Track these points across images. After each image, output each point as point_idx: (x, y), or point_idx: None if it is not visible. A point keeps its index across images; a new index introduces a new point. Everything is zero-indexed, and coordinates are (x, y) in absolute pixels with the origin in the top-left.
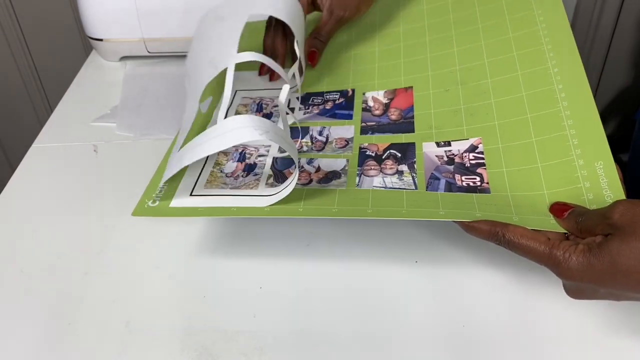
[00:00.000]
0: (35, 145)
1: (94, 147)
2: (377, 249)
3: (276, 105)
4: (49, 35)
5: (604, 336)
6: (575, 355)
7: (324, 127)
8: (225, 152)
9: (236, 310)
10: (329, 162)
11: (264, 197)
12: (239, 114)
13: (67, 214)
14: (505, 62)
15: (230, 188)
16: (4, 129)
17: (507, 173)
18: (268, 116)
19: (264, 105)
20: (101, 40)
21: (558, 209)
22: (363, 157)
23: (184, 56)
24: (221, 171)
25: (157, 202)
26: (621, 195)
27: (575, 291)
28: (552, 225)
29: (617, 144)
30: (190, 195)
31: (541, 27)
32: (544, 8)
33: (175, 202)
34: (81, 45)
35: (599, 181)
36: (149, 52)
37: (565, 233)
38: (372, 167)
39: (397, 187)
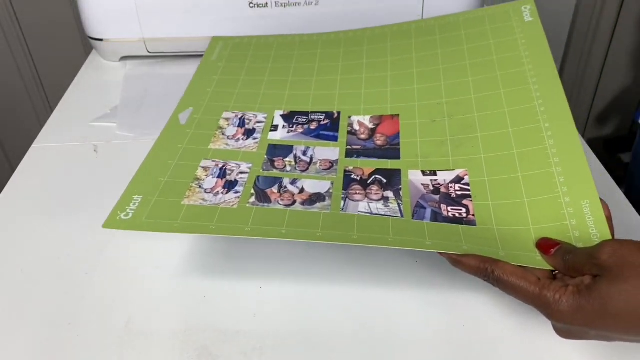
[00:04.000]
0: (35, 145)
1: (94, 147)
2: (378, 249)
3: (260, 122)
4: (49, 35)
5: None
6: (577, 355)
7: (308, 147)
8: (204, 167)
9: (236, 310)
10: (313, 184)
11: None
12: (221, 128)
13: (68, 214)
14: (492, 99)
15: (209, 205)
16: (4, 129)
17: (493, 206)
18: (251, 132)
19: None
20: (101, 40)
21: (545, 245)
22: (348, 180)
23: (184, 56)
24: (200, 186)
25: (131, 215)
26: (607, 234)
27: (565, 332)
28: (539, 261)
29: (617, 144)
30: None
31: (528, 68)
32: (531, 49)
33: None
34: (81, 45)
35: (585, 220)
36: (149, 52)
37: (552, 270)
38: (358, 192)
39: (383, 213)
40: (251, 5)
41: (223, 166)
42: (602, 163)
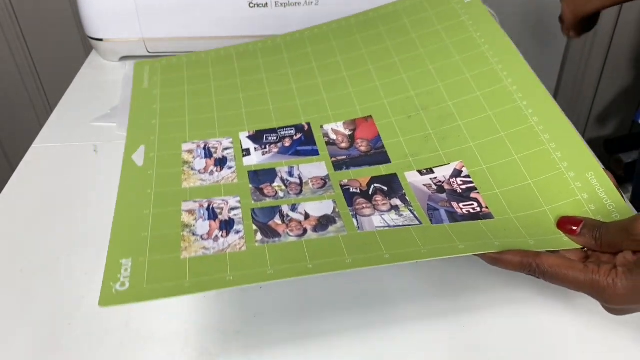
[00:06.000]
0: (35, 145)
1: (94, 147)
2: None
3: (227, 148)
4: (49, 36)
5: (606, 336)
6: (577, 355)
7: (292, 167)
8: (189, 211)
9: (236, 310)
10: (315, 206)
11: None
12: (187, 162)
13: (67, 214)
14: (461, 84)
15: (214, 252)
16: (4, 129)
17: (502, 194)
18: (222, 161)
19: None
20: (101, 40)
21: (567, 224)
22: (349, 195)
23: None
24: (194, 233)
25: (128, 285)
26: (622, 203)
27: (618, 311)
28: (567, 242)
29: (617, 144)
30: None
31: (485, 49)
32: (481, 30)
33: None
34: (81, 45)
35: (596, 191)
36: (149, 52)
37: (583, 248)
38: (364, 205)
39: (400, 224)
40: (251, 5)
41: (209, 205)
42: (602, 163)
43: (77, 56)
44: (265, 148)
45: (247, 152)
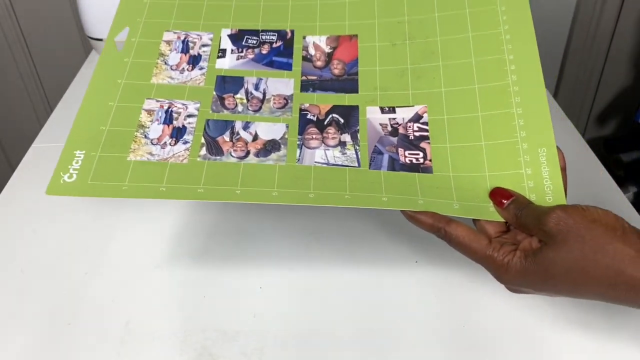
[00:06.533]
0: (35, 145)
1: None
2: (378, 249)
3: (205, 45)
4: (49, 35)
5: (604, 336)
6: (576, 355)
7: (261, 79)
8: (149, 111)
9: (236, 310)
10: (267, 128)
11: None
12: (163, 55)
13: (67, 214)
14: (457, 20)
15: (157, 160)
16: (4, 129)
17: (451, 149)
18: (196, 59)
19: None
20: (101, 40)
21: (499, 195)
22: (304, 121)
23: None
24: (145, 136)
25: (75, 177)
26: (560, 186)
27: (512, 289)
28: (492, 213)
29: (617, 144)
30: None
31: None
32: None
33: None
34: (81, 45)
35: (540, 169)
36: None
37: (505, 222)
38: (314, 136)
39: (340, 163)
40: None
41: (169, 108)
42: (602, 163)
43: (77, 56)
44: (241, 52)
45: (222, 54)
